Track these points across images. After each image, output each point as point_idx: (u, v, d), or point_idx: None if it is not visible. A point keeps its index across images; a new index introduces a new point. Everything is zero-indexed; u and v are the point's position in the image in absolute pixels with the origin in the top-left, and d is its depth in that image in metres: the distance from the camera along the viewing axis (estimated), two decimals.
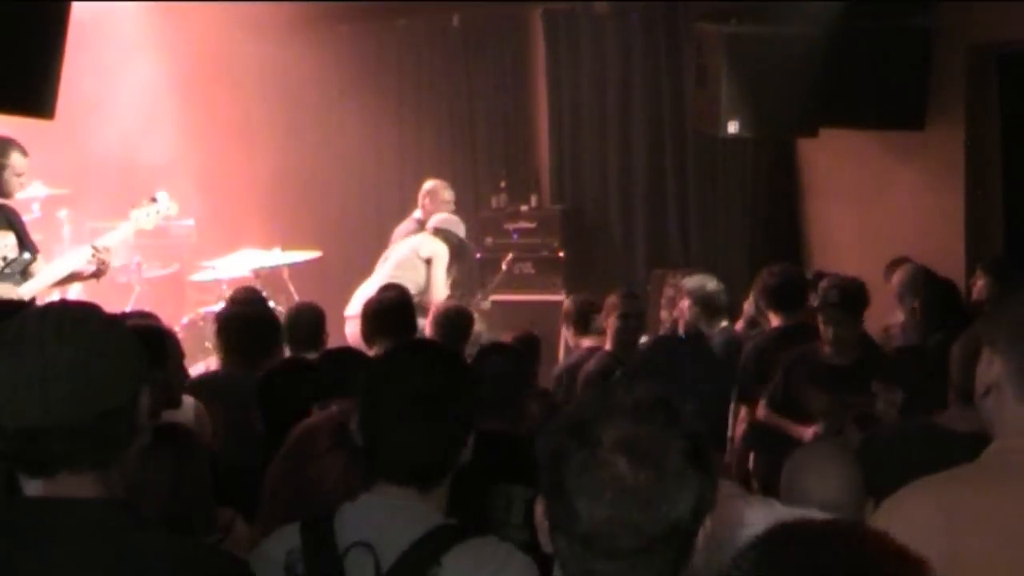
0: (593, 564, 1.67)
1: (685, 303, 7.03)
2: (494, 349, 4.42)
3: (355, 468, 2.85)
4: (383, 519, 2.38)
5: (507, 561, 2.38)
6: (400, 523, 2.37)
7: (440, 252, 8.55)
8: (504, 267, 9.54)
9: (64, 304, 2.08)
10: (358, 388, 2.55)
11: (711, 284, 7.06)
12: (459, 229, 8.80)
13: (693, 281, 7.11)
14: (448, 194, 9.05)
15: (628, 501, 1.63)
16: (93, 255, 6.28)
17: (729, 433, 6.38)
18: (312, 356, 5.27)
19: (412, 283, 8.16)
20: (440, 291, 8.49)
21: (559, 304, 9.80)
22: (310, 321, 6.05)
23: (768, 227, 9.58)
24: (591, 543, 1.66)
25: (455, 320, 6.48)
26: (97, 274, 6.38)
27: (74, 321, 1.98)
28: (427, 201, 9.01)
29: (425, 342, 4.12)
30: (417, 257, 8.50)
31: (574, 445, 1.68)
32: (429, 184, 9.13)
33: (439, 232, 8.67)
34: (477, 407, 2.58)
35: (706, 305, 6.93)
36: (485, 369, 4.01)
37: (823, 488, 2.92)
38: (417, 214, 9.06)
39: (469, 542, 2.35)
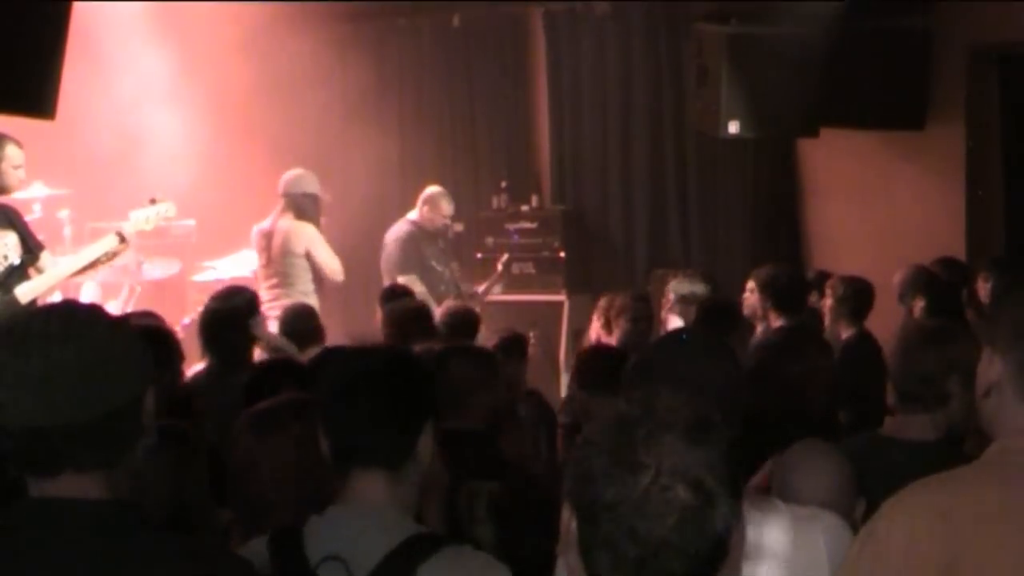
0: None
1: (670, 306, 7.09)
2: (455, 351, 4.42)
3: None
4: (355, 530, 2.36)
5: (485, 571, 2.37)
6: (373, 533, 2.34)
7: (312, 235, 8.22)
8: (500, 267, 9.49)
9: (69, 304, 2.09)
10: (317, 388, 2.57)
11: (696, 286, 7.13)
12: (308, 184, 8.39)
13: (677, 284, 7.19)
14: (447, 204, 9.00)
15: (688, 526, 1.65)
16: (120, 241, 6.33)
17: None
18: (312, 352, 5.27)
19: (308, 283, 8.10)
20: (334, 270, 8.18)
21: (559, 304, 9.82)
22: (305, 318, 6.05)
23: (768, 227, 9.59)
24: (644, 565, 1.67)
25: (465, 319, 6.49)
26: (114, 255, 6.43)
27: (79, 321, 1.98)
28: (425, 209, 8.99)
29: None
30: (296, 256, 8.21)
31: (627, 467, 1.67)
32: (430, 190, 9.10)
33: (291, 201, 8.28)
34: (439, 408, 2.60)
35: (688, 306, 6.99)
36: (448, 370, 4.01)
37: (813, 487, 2.92)
38: (412, 215, 9.04)
39: (445, 551, 2.33)
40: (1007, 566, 2.05)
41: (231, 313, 5.49)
